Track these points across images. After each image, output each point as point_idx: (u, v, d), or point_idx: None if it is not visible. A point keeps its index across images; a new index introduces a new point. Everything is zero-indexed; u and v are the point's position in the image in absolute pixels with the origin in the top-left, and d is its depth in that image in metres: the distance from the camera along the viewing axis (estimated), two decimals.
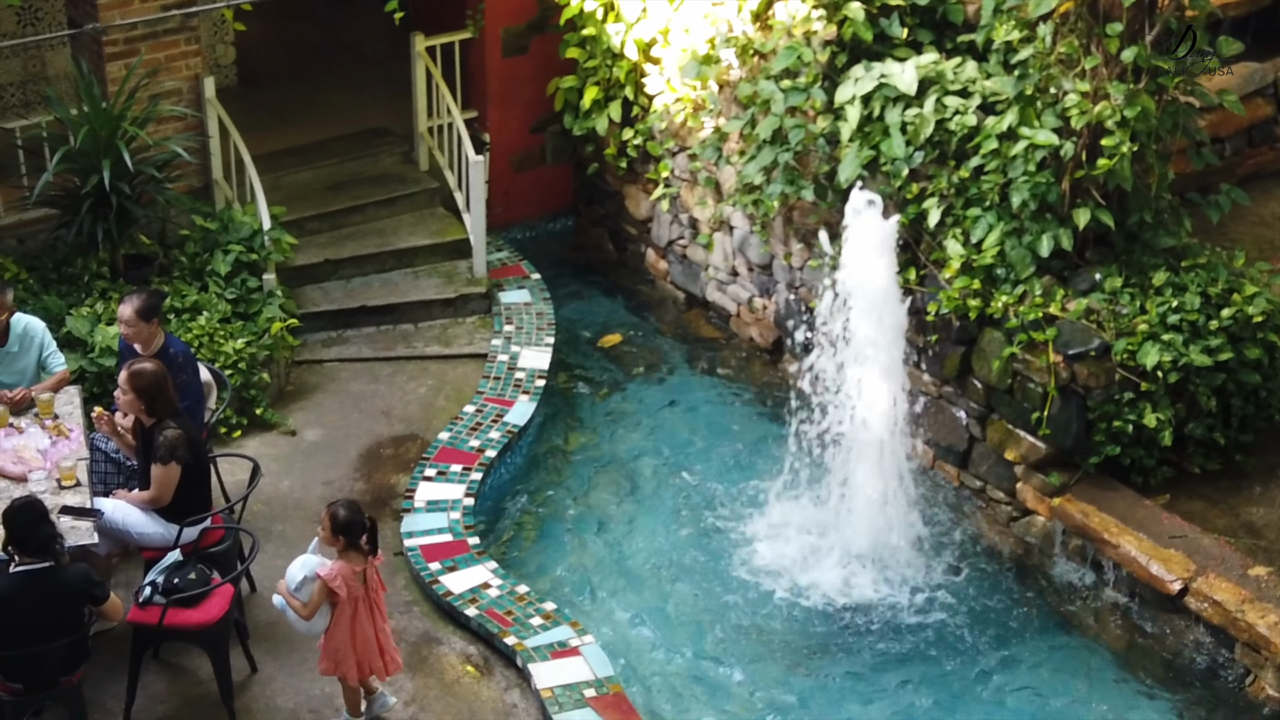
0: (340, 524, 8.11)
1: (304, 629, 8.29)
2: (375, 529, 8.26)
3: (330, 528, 8.12)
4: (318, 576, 8.11)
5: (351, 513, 8.14)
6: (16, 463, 8.91)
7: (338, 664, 8.32)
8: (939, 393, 10.48)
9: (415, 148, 12.94)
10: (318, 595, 8.12)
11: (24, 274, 10.97)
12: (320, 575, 8.10)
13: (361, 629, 8.25)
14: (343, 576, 8.11)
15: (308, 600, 8.14)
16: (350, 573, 8.14)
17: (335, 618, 8.20)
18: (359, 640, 8.26)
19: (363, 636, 8.27)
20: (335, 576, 8.10)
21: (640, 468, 10.94)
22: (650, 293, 12.94)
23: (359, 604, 8.20)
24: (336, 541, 8.14)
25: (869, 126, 10.40)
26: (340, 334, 11.90)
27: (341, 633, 8.22)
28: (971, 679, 9.31)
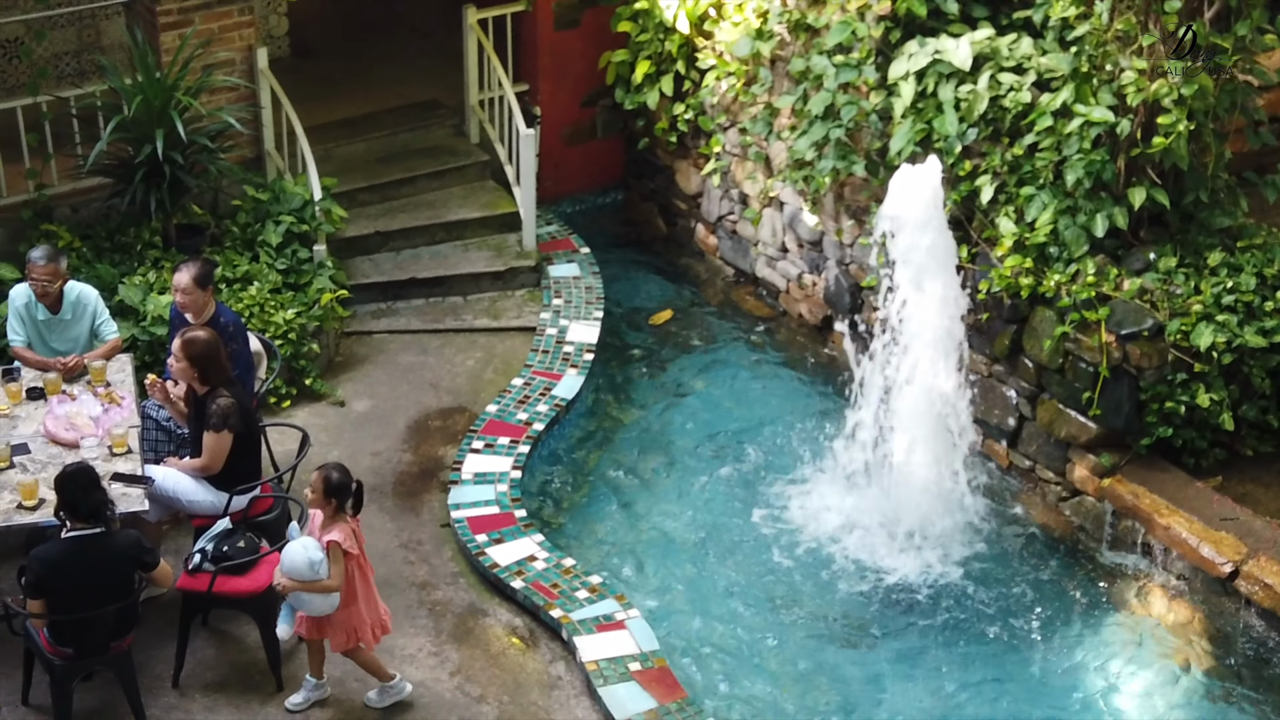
0: (334, 486, 8.14)
1: (328, 605, 8.25)
2: (361, 490, 8.29)
3: (323, 490, 8.13)
4: (327, 547, 8.11)
5: (343, 475, 8.19)
6: (69, 429, 8.98)
7: (354, 632, 8.34)
8: (989, 372, 10.42)
9: (466, 120, 12.95)
10: (338, 562, 8.15)
11: (77, 242, 11.04)
12: (337, 542, 8.11)
13: (367, 588, 8.34)
14: (349, 537, 8.20)
15: (331, 574, 8.15)
16: (350, 531, 8.21)
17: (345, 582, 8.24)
18: (370, 599, 8.35)
19: (368, 596, 8.35)
20: (346, 538, 8.15)
21: (687, 442, 10.93)
22: (699, 268, 12.92)
23: (356, 565, 8.26)
24: (328, 504, 8.16)
25: (922, 103, 10.33)
26: (389, 306, 11.94)
27: (351, 597, 8.27)
28: (1017, 659, 9.27)
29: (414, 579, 9.53)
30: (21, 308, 9.62)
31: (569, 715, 8.65)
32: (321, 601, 8.20)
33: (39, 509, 8.47)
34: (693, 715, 8.50)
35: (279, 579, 8.19)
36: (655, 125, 12.85)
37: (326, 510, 8.20)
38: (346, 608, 8.28)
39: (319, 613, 8.26)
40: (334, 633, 8.36)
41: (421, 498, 10.18)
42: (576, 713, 8.67)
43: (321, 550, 8.13)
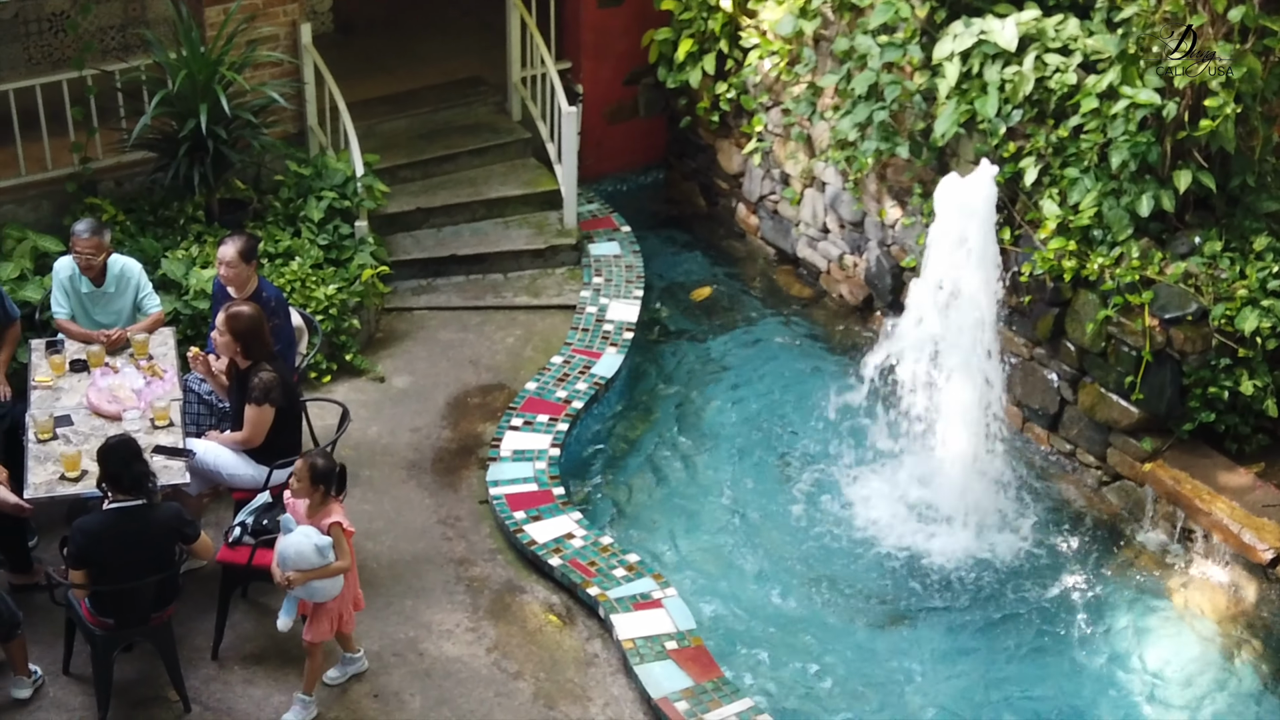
0: (320, 473, 8.07)
1: (336, 589, 8.17)
2: (344, 474, 8.26)
3: (310, 478, 8.06)
4: (330, 529, 8.05)
5: (328, 461, 8.14)
6: (111, 401, 9.04)
7: (338, 616, 8.26)
8: (1030, 354, 10.37)
9: (508, 98, 12.95)
10: (344, 544, 8.09)
11: (121, 216, 11.10)
12: (340, 523, 8.07)
13: (353, 569, 8.35)
14: (345, 516, 8.18)
15: (337, 556, 8.08)
16: (344, 511, 8.19)
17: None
18: (351, 581, 8.34)
19: (352, 577, 8.36)
20: (344, 517, 8.14)
21: (726, 422, 10.92)
22: (740, 248, 12.89)
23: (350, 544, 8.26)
24: (315, 491, 8.09)
25: (967, 83, 10.27)
26: (430, 282, 11.96)
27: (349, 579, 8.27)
28: (1055, 643, 9.23)
29: (452, 555, 9.56)
30: (65, 280, 9.68)
31: (605, 693, 8.67)
32: (331, 585, 8.14)
33: (81, 480, 8.53)
34: (729, 694, 8.50)
35: (281, 575, 8.06)
36: (697, 104, 12.82)
37: (314, 497, 8.12)
38: (346, 592, 8.24)
39: (328, 598, 8.16)
40: (321, 621, 8.22)
41: (460, 474, 10.20)
42: (612, 690, 8.69)
43: (324, 535, 8.06)
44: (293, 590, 8.14)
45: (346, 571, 8.19)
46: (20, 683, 8.37)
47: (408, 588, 9.29)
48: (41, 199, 11.19)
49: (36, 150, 11.08)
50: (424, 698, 8.58)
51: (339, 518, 8.11)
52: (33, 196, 11.18)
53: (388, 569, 9.42)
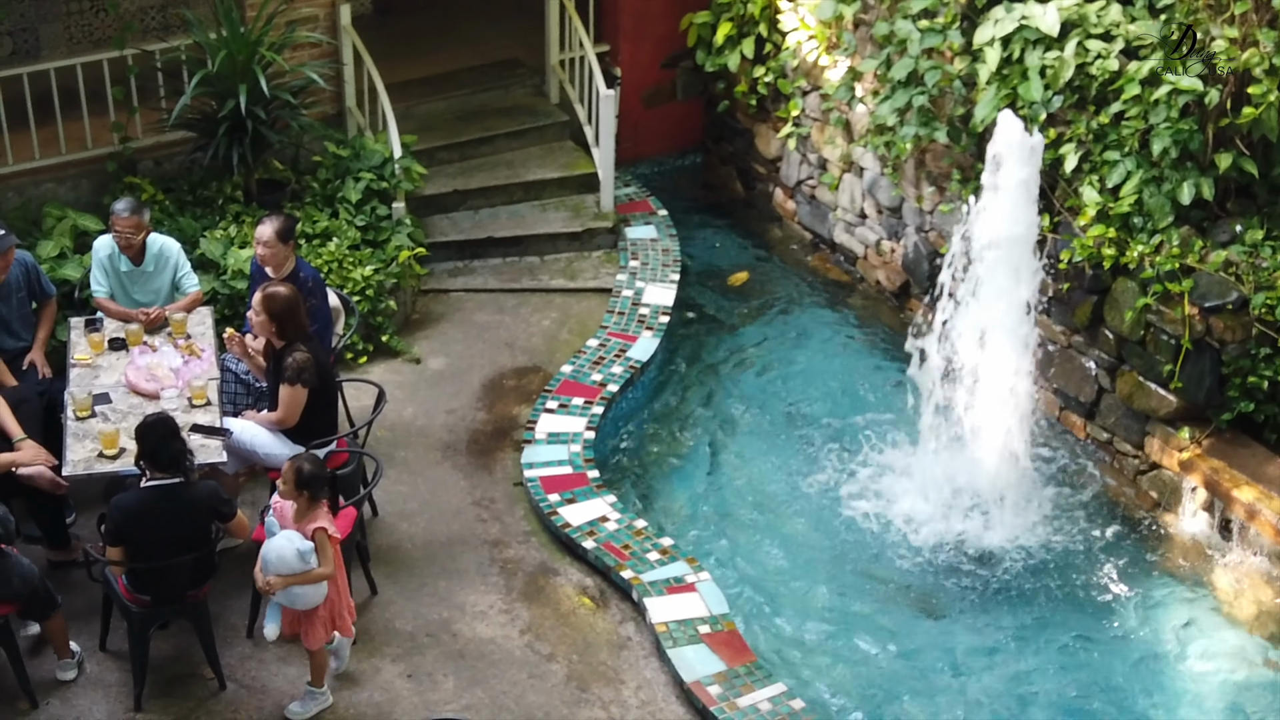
0: (305, 478, 7.89)
1: (318, 598, 8.02)
2: (335, 482, 8.10)
3: (294, 482, 7.89)
4: (314, 535, 7.90)
5: (315, 467, 7.96)
6: (149, 380, 9.08)
7: (332, 621, 8.13)
8: (1068, 342, 10.32)
9: (546, 80, 12.94)
10: (328, 550, 7.93)
11: (160, 195, 11.15)
12: (325, 528, 7.91)
13: (343, 575, 8.21)
14: (332, 523, 8.01)
15: (320, 562, 7.93)
16: (331, 519, 8.03)
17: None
18: (344, 588, 8.20)
19: (345, 583, 8.22)
20: (330, 524, 7.97)
21: (761, 407, 10.90)
22: (777, 233, 12.86)
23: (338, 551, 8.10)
24: (300, 495, 7.93)
25: (1007, 69, 10.21)
26: (466, 264, 11.97)
27: (333, 586, 8.09)
28: (1091, 632, 9.20)
29: (486, 537, 9.58)
30: (105, 259, 9.72)
31: (637, 676, 8.68)
32: (314, 593, 7.99)
33: (119, 458, 8.57)
34: (761, 679, 8.50)
35: (263, 580, 7.95)
36: (735, 88, 12.78)
37: (300, 502, 7.96)
38: (332, 599, 8.09)
39: (310, 605, 8.02)
40: (314, 627, 8.10)
41: (495, 456, 10.22)
42: (645, 673, 8.69)
43: (307, 540, 7.92)
44: (274, 596, 8.01)
45: (330, 579, 8.00)
46: (65, 665, 8.43)
47: (441, 569, 9.31)
48: (81, 178, 11.25)
49: (77, 129, 11.13)
50: (457, 679, 8.60)
51: (325, 524, 7.94)
52: (73, 175, 11.24)
53: (422, 550, 9.45)
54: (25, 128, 10.95)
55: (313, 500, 7.99)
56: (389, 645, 8.78)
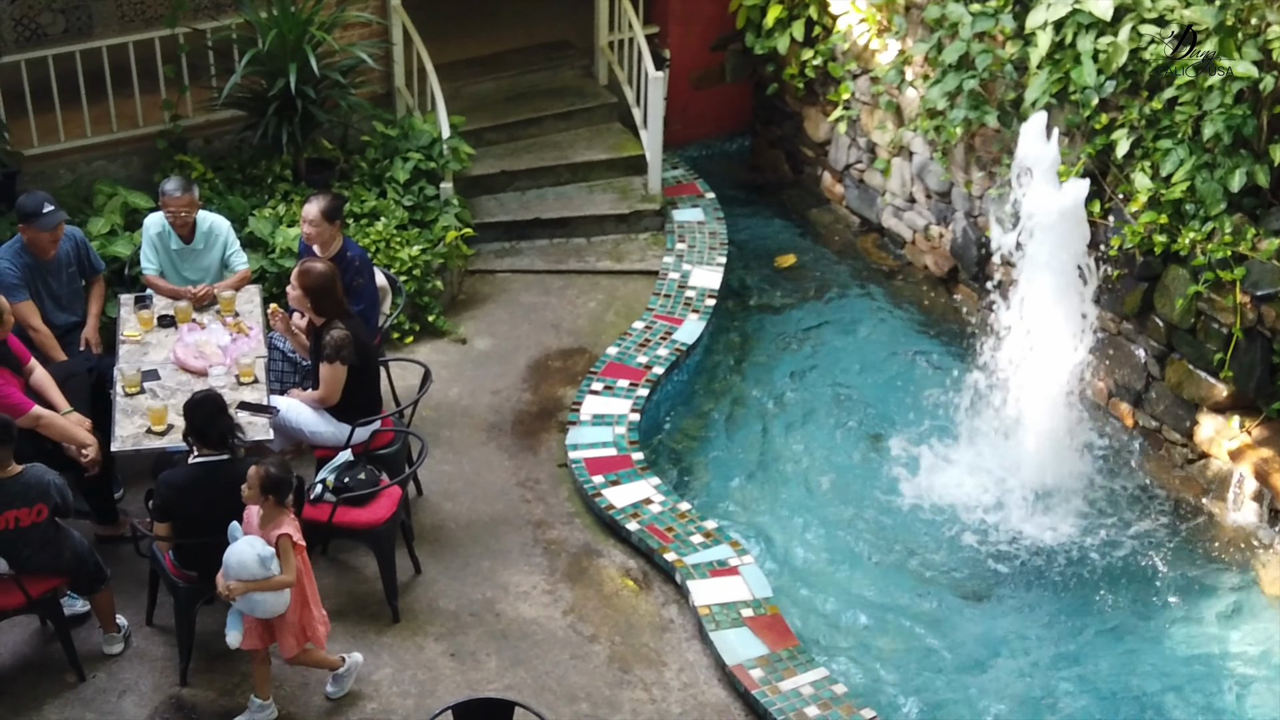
0: (270, 481, 7.73)
1: (282, 604, 7.86)
2: (301, 487, 7.96)
3: (259, 485, 7.74)
4: (277, 541, 7.77)
5: (281, 470, 7.80)
6: (198, 357, 9.13)
7: (303, 630, 7.97)
8: (1118, 330, 10.24)
9: (595, 62, 12.92)
10: (290, 557, 7.79)
11: (210, 174, 11.20)
12: (289, 535, 7.78)
13: (312, 584, 8.03)
14: (297, 530, 7.87)
15: (282, 569, 7.78)
16: (297, 525, 7.89)
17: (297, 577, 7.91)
18: (315, 595, 8.04)
19: (315, 592, 8.04)
20: (295, 531, 7.83)
21: (807, 391, 10.88)
22: (824, 216, 12.81)
23: (304, 559, 7.95)
24: (265, 500, 7.78)
25: (1059, 53, 10.13)
26: (513, 245, 11.98)
27: (301, 594, 7.93)
28: (1136, 622, 9.14)
29: (530, 517, 9.60)
30: (155, 237, 9.78)
31: (680, 658, 8.68)
32: (274, 601, 7.82)
33: (167, 434, 8.63)
34: (804, 663, 8.49)
35: (224, 584, 7.79)
36: (784, 71, 12.74)
37: (265, 506, 7.81)
38: (298, 607, 7.93)
39: (272, 613, 7.86)
40: (284, 637, 7.94)
41: (540, 437, 10.23)
42: (687, 656, 8.70)
43: (269, 546, 7.79)
44: (235, 602, 7.89)
45: (291, 586, 7.83)
46: (111, 639, 8.50)
47: (485, 549, 9.34)
48: (132, 155, 11.32)
49: (128, 107, 11.19)
50: (500, 658, 8.63)
51: (289, 530, 7.80)
52: (124, 153, 11.30)
53: (465, 530, 9.47)
54: (77, 105, 11.02)
55: (279, 504, 7.82)
56: (432, 624, 8.81)
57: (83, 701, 8.21)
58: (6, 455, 7.87)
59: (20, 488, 7.90)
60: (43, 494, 7.93)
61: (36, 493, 7.91)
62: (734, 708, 8.38)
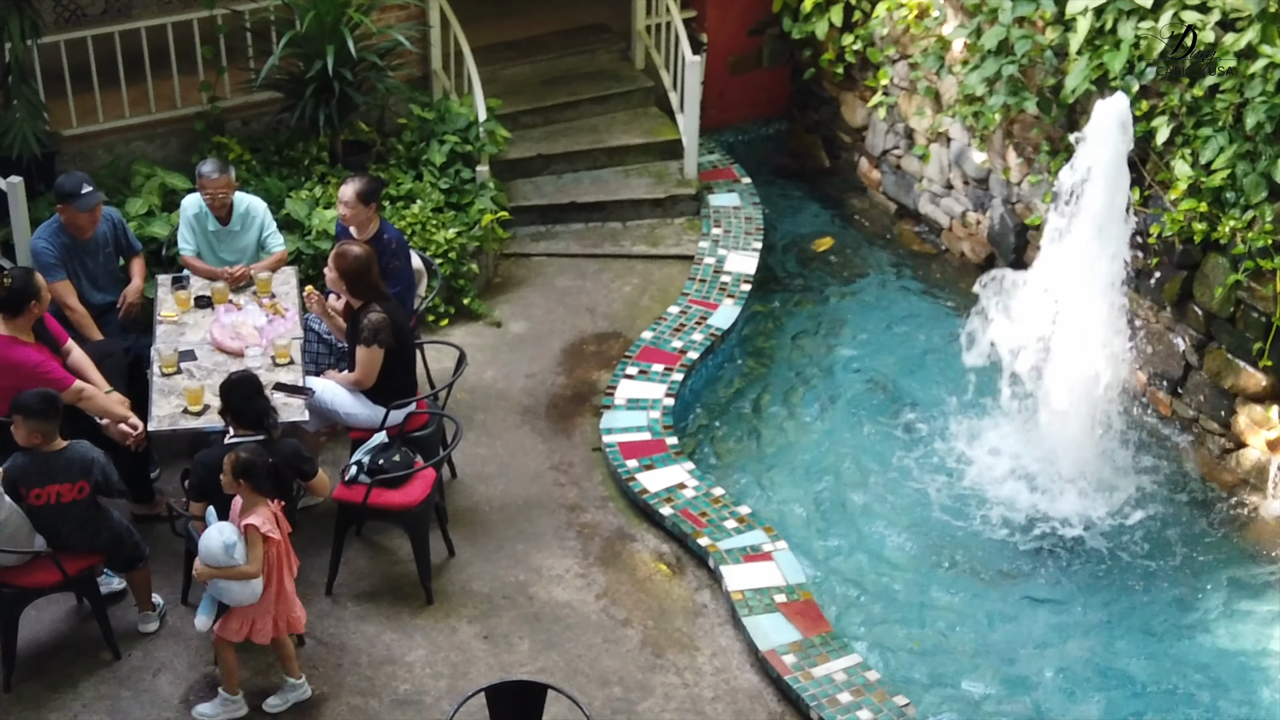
0: (240, 466, 7.65)
1: (249, 594, 7.79)
2: (280, 474, 7.84)
3: (231, 471, 7.67)
4: (244, 530, 7.70)
5: (253, 455, 7.70)
6: (234, 338, 9.16)
7: (251, 623, 7.84)
8: (1156, 318, 10.18)
9: (632, 46, 12.90)
10: (256, 547, 7.70)
11: (247, 155, 11.22)
12: (255, 526, 7.68)
13: (283, 580, 7.89)
14: (269, 521, 7.76)
15: (246, 559, 7.69)
16: (271, 516, 7.78)
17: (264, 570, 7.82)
18: (282, 593, 7.90)
19: (285, 589, 7.92)
20: (265, 521, 7.72)
21: (841, 377, 10.85)
22: (861, 202, 12.77)
23: (279, 552, 7.83)
24: (238, 485, 7.70)
25: (1100, 39, 10.05)
26: (549, 229, 11.98)
27: (277, 587, 7.86)
28: (1170, 611, 9.08)
29: (564, 501, 9.60)
30: (193, 218, 9.81)
31: (712, 643, 8.68)
32: (240, 590, 7.75)
33: (203, 414, 8.67)
34: (837, 649, 8.48)
35: (197, 566, 7.78)
36: (822, 56, 12.68)
37: (239, 492, 7.74)
38: (271, 600, 7.85)
39: (237, 602, 7.79)
40: (228, 619, 7.84)
41: (574, 421, 10.24)
42: (720, 641, 8.69)
43: (237, 534, 7.71)
44: (206, 587, 7.87)
45: (252, 578, 7.73)
46: (147, 617, 8.54)
47: (519, 532, 9.35)
48: (170, 136, 11.35)
49: (166, 88, 11.22)
50: (532, 641, 8.64)
51: (256, 520, 7.68)
52: (161, 134, 11.34)
53: (499, 513, 9.49)
54: (116, 86, 11.05)
55: (254, 492, 7.72)
56: (465, 606, 8.83)
57: (118, 679, 8.26)
58: (52, 429, 7.94)
59: (64, 463, 7.96)
60: (85, 471, 7.99)
61: (79, 469, 7.97)
62: (766, 693, 8.37)
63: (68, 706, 8.11)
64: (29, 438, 7.90)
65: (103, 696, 8.17)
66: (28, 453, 7.95)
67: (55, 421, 7.94)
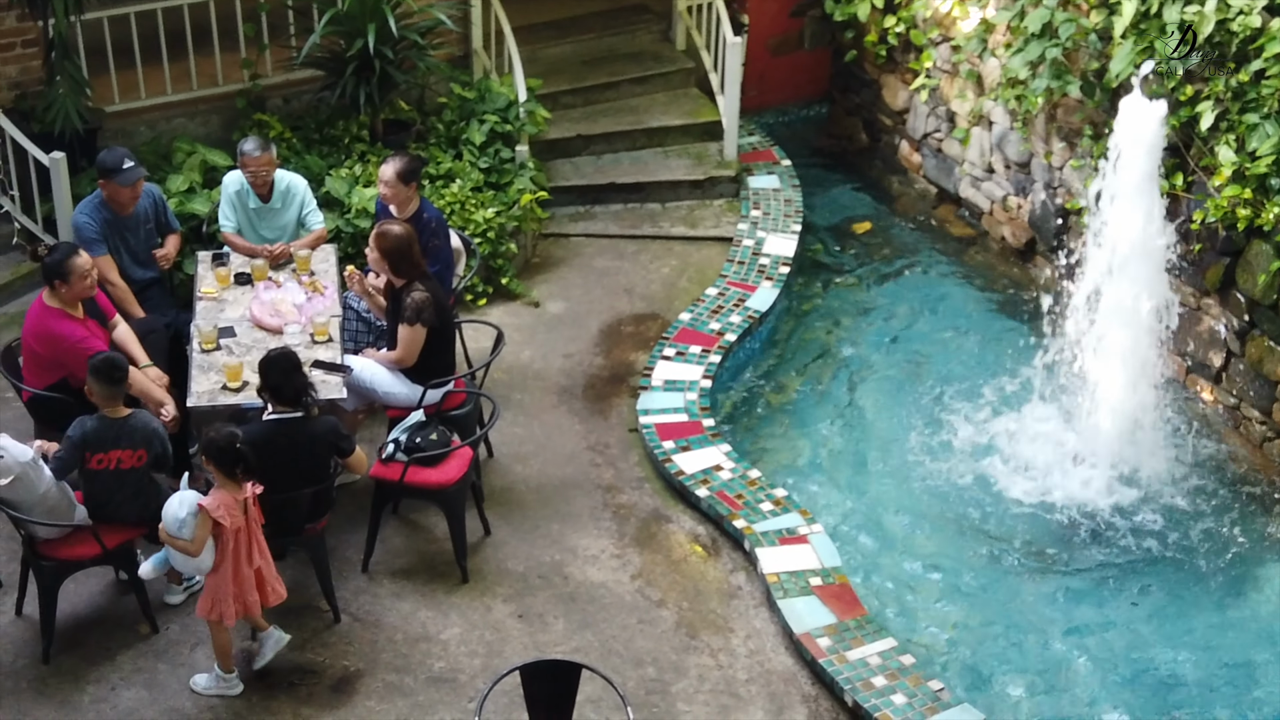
0: (202, 445, 7.67)
1: (193, 567, 7.87)
2: (250, 458, 7.70)
3: (200, 449, 7.72)
4: (199, 508, 7.69)
5: (221, 437, 7.64)
6: (274, 315, 9.19)
7: (214, 604, 7.83)
8: (1198, 304, 10.11)
9: (673, 26, 12.87)
10: (201, 528, 7.68)
11: (288, 133, 11.25)
12: (204, 507, 7.66)
13: (240, 565, 7.82)
14: (224, 505, 7.68)
15: (193, 536, 7.70)
16: (231, 501, 7.70)
17: (218, 552, 7.79)
18: (239, 577, 7.83)
19: (241, 574, 7.83)
20: (217, 505, 7.66)
21: (878, 360, 10.82)
22: (901, 186, 12.71)
23: (239, 536, 7.76)
24: (208, 461, 7.67)
25: (1145, 23, 9.97)
26: (588, 209, 11.97)
27: (222, 568, 7.79)
28: (1207, 599, 9.03)
29: (600, 481, 9.61)
30: (234, 195, 9.84)
31: (747, 625, 8.67)
32: (182, 559, 7.82)
33: (242, 391, 8.69)
34: (872, 633, 8.46)
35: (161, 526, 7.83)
36: (864, 38, 12.62)
37: (212, 471, 7.70)
38: (214, 573, 7.81)
39: (184, 569, 7.96)
40: (202, 596, 7.89)
41: (610, 401, 10.24)
42: (755, 623, 8.68)
43: (193, 509, 7.71)
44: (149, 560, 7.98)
45: (190, 555, 7.74)
46: (173, 590, 8.59)
47: (555, 512, 9.36)
48: (211, 114, 11.39)
49: (208, 65, 11.26)
50: (567, 621, 8.65)
51: (207, 503, 7.65)
52: (203, 111, 11.38)
53: (535, 492, 9.50)
54: (158, 63, 11.10)
55: (219, 472, 7.67)
56: (500, 585, 8.85)
57: (155, 653, 8.31)
58: (118, 396, 8.04)
59: (128, 430, 8.05)
60: (146, 440, 8.09)
61: (141, 438, 8.07)
62: (800, 676, 8.37)
63: (106, 679, 8.17)
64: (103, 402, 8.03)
65: (140, 669, 8.23)
66: (97, 417, 8.06)
67: (121, 388, 8.06)
